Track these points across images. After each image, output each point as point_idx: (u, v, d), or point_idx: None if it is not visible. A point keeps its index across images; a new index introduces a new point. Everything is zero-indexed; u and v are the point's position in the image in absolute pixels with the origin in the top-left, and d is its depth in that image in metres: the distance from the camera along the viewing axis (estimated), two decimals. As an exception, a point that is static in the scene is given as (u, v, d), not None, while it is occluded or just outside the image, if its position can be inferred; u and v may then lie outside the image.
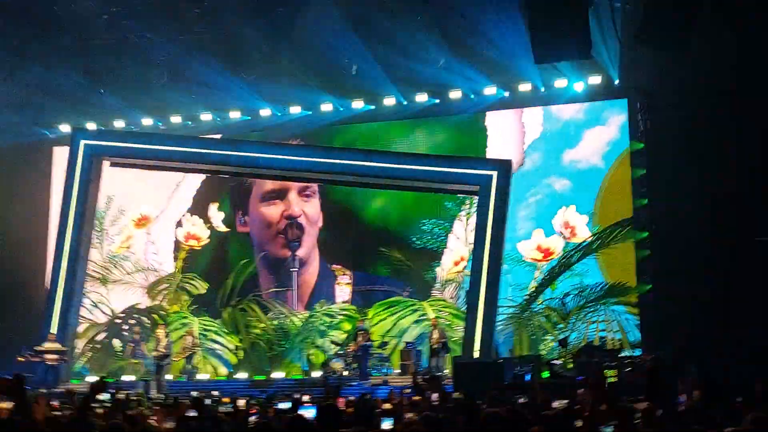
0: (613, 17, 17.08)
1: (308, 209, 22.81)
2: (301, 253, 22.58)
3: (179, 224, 23.77)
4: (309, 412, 5.42)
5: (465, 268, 20.74)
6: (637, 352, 18.66)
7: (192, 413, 8.17)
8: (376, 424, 7.35)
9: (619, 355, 17.82)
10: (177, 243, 23.69)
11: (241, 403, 11.68)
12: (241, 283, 22.97)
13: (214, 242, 23.47)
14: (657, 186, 19.74)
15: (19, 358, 19.58)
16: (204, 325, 22.80)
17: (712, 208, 18.64)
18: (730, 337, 16.93)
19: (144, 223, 24.00)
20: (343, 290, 22.38)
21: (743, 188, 18.57)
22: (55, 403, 10.87)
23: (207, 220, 23.54)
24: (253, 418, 9.12)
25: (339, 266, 22.52)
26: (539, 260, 20.76)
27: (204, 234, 23.51)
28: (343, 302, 22.25)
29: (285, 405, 9.70)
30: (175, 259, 23.61)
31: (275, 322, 22.43)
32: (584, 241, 20.50)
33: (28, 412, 4.51)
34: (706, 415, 7.50)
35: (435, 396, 10.67)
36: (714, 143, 18.85)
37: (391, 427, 6.50)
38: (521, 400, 9.92)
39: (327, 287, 22.49)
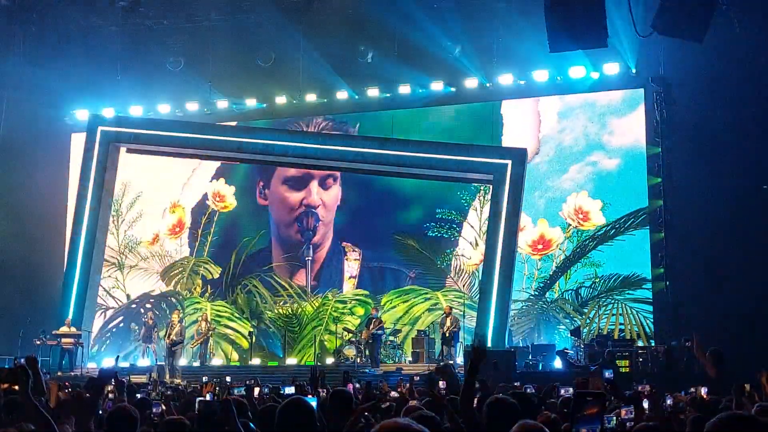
0: (630, 5, 16.90)
1: (327, 198, 22.86)
2: (315, 239, 22.73)
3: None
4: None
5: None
6: (652, 343, 18.59)
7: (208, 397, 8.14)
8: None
9: (634, 345, 17.79)
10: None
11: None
12: (246, 257, 23.09)
13: (225, 222, 23.61)
14: (673, 175, 19.58)
15: (36, 342, 19.82)
16: (216, 310, 22.92)
17: (729, 199, 18.46)
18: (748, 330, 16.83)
19: (174, 209, 24.11)
20: (351, 265, 22.47)
21: (762, 179, 18.40)
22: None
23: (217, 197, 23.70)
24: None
25: (348, 244, 22.61)
26: (532, 254, 20.67)
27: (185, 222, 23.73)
28: (351, 277, 22.37)
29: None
30: (190, 245, 23.77)
31: (286, 308, 22.53)
32: (599, 229, 20.39)
33: (31, 397, 4.45)
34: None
35: (442, 384, 10.58)
36: (731, 132, 18.65)
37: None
38: (529, 390, 9.89)
39: (336, 263, 22.64)
